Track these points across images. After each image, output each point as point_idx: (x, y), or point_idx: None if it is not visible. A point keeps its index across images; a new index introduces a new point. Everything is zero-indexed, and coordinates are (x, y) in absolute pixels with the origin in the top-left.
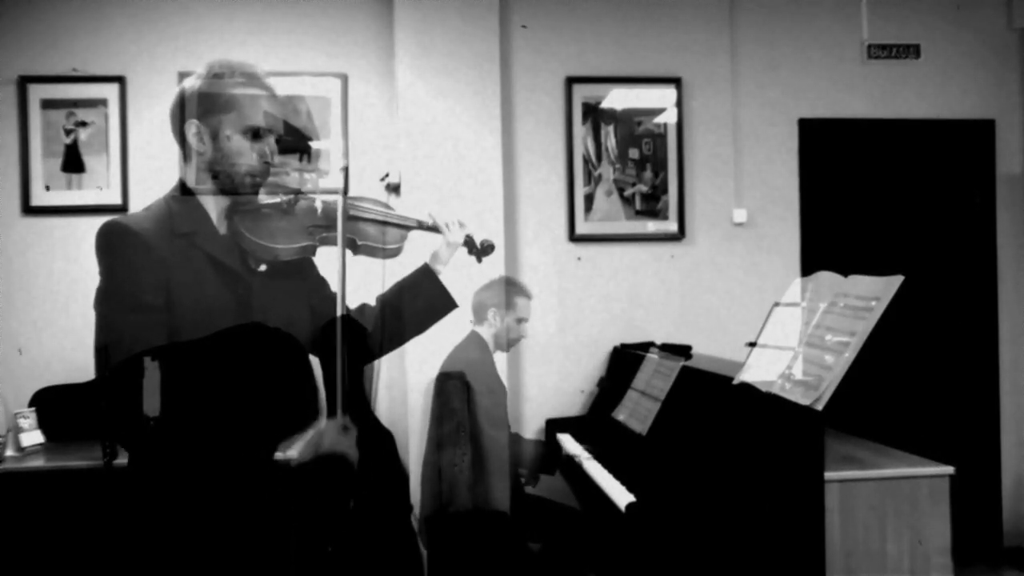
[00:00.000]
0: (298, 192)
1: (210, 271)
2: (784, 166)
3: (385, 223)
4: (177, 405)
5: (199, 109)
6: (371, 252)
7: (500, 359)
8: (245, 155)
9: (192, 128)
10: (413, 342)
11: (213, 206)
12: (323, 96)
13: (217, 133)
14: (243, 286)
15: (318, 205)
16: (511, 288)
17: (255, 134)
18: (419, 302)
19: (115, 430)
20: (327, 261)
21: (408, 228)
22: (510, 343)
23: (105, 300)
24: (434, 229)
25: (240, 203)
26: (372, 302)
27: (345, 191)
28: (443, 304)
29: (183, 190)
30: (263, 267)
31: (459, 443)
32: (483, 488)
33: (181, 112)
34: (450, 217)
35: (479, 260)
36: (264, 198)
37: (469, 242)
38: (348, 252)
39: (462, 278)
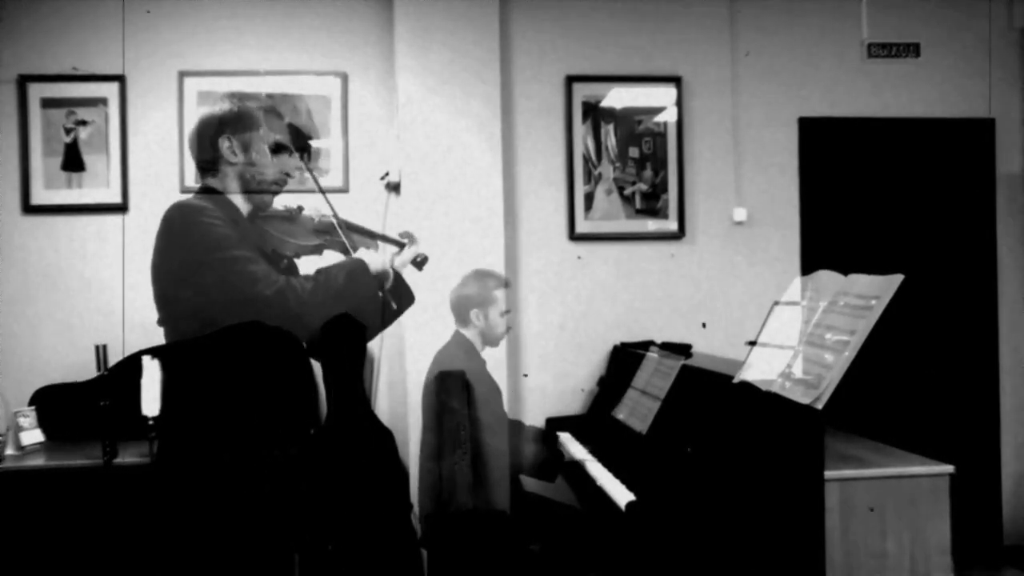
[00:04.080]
0: (300, 207)
1: (256, 256)
2: (784, 165)
3: (368, 235)
4: (186, 404)
5: (231, 126)
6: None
7: (497, 356)
8: (271, 166)
9: (226, 142)
10: (413, 341)
11: (242, 206)
12: (323, 95)
13: (248, 146)
14: (278, 272)
15: (314, 217)
16: (486, 280)
17: (276, 148)
18: (396, 292)
19: (120, 422)
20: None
21: (384, 240)
22: (499, 338)
23: (217, 249)
24: (400, 244)
25: (258, 207)
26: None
27: (336, 215)
28: (407, 298)
29: (203, 192)
30: (284, 263)
31: (459, 443)
32: (483, 488)
33: (211, 129)
34: (408, 233)
35: (420, 269)
36: (273, 207)
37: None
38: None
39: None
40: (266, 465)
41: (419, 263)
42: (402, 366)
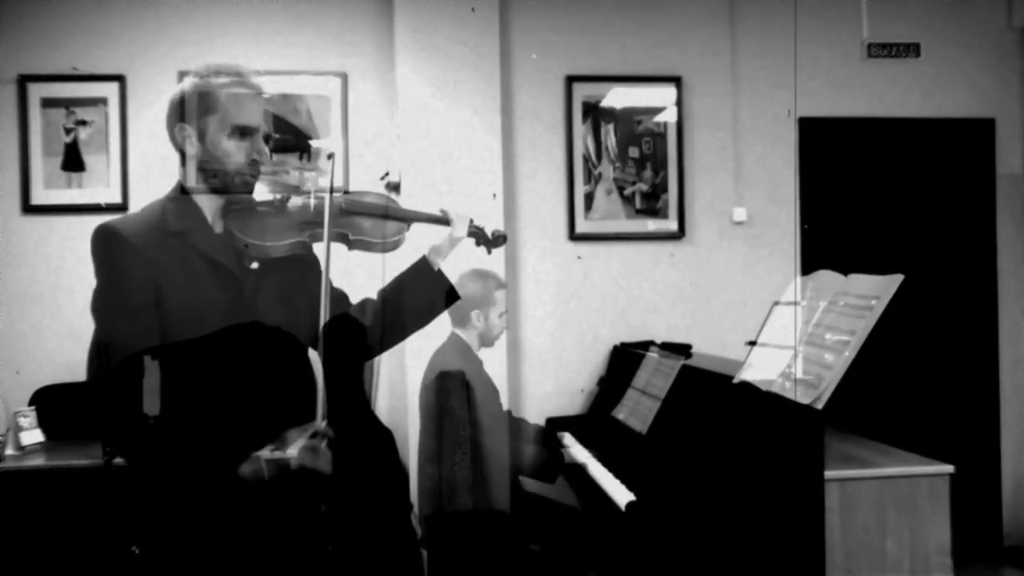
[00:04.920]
0: (294, 189)
1: (204, 269)
2: (784, 165)
3: (386, 216)
4: (176, 405)
5: (187, 112)
6: (367, 247)
7: (496, 357)
8: (232, 154)
9: (182, 131)
10: (413, 340)
11: (208, 205)
12: (323, 95)
13: (204, 134)
14: (236, 283)
15: (311, 202)
16: (487, 281)
17: (241, 133)
18: (421, 295)
19: (110, 432)
20: (337, 257)
21: (415, 221)
22: (495, 339)
23: (98, 303)
24: (444, 222)
25: (234, 203)
26: (374, 296)
27: (331, 187)
28: (445, 296)
29: (181, 191)
30: (255, 265)
31: (459, 443)
32: (483, 488)
33: (172, 116)
34: (458, 210)
35: (489, 251)
36: (259, 197)
37: (477, 233)
38: (342, 247)
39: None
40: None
41: (490, 242)
42: (402, 366)
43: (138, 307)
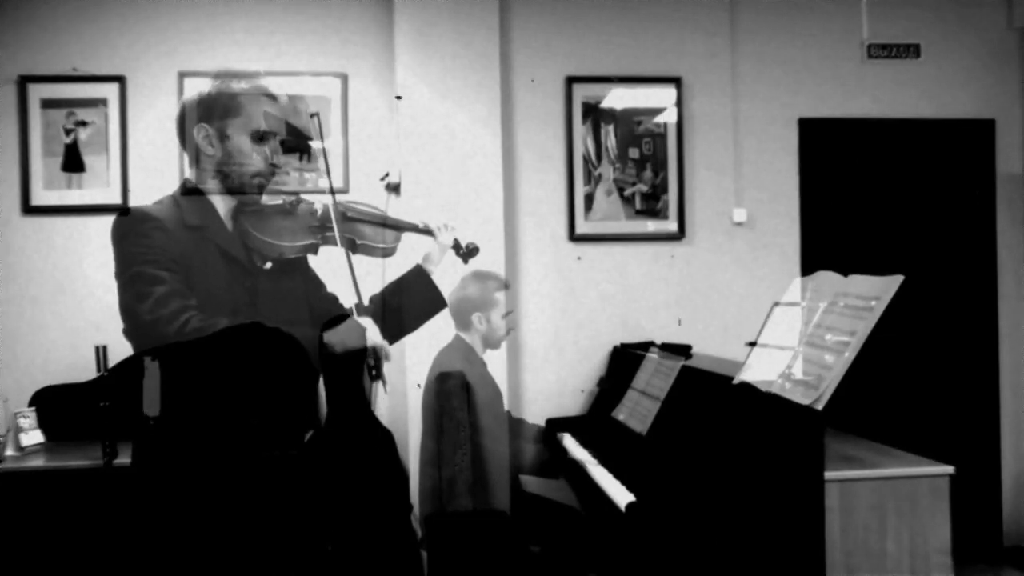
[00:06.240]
0: (298, 194)
1: (221, 263)
2: (784, 166)
3: (383, 224)
4: (178, 404)
5: (207, 113)
6: (369, 251)
7: (498, 358)
8: (251, 156)
9: (202, 131)
10: (412, 342)
11: (221, 204)
12: (323, 96)
13: (224, 135)
14: (251, 280)
15: (318, 207)
16: (487, 282)
17: (260, 137)
18: (413, 301)
19: (120, 423)
20: (328, 260)
21: (403, 230)
22: (500, 340)
23: (134, 264)
24: (428, 233)
25: (246, 203)
26: (366, 301)
27: (332, 189)
28: (434, 303)
29: (186, 191)
30: (268, 264)
31: (459, 443)
32: (483, 489)
33: (190, 117)
34: (441, 221)
35: (465, 262)
36: (267, 199)
37: (455, 244)
38: (343, 250)
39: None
40: (265, 466)
41: (465, 254)
42: (402, 367)
43: (177, 270)
